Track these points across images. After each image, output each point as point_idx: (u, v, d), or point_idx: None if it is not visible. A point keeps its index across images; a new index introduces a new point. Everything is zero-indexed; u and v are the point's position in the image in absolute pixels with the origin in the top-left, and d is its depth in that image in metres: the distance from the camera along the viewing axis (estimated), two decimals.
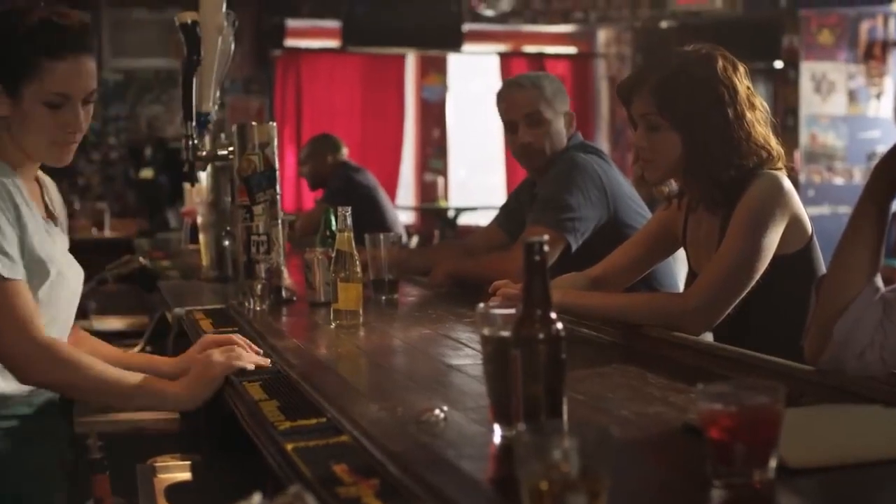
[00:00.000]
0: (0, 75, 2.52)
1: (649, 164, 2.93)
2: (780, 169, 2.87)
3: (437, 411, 1.89)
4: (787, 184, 2.84)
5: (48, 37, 2.52)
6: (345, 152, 7.90)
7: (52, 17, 2.53)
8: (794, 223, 2.83)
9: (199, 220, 4.54)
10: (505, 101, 4.13)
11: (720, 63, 2.86)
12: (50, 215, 2.71)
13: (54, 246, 2.62)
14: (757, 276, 2.76)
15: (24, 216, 2.51)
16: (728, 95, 2.83)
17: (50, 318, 2.57)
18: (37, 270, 2.53)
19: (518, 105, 4.06)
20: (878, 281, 2.15)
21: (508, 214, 4.34)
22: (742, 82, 2.87)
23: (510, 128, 4.09)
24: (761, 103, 2.90)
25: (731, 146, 2.82)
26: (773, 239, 2.77)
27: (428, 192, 11.99)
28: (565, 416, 1.69)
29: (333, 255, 3.11)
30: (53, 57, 2.51)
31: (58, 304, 2.61)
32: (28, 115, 2.53)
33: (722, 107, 2.82)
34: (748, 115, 2.84)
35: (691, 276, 3.11)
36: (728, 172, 2.82)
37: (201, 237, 4.52)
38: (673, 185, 3.07)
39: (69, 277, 2.65)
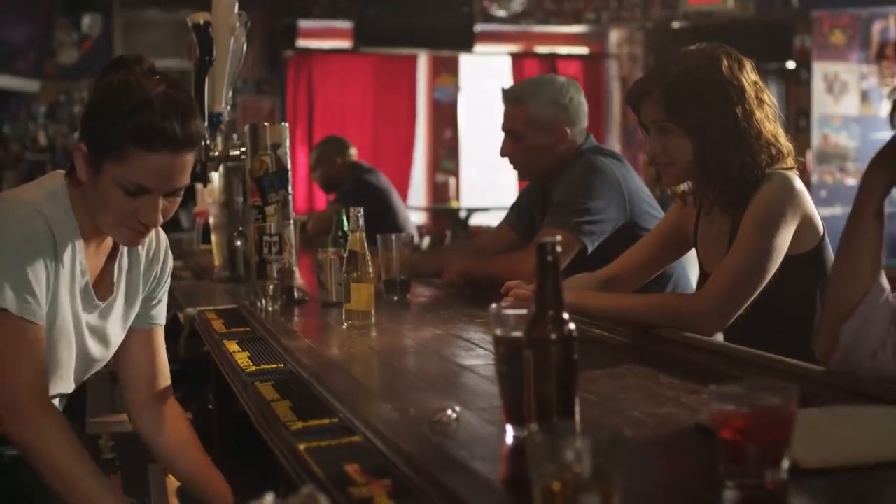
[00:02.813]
0: (91, 144, 2.39)
1: (666, 169, 2.94)
2: (791, 168, 2.88)
3: (449, 412, 1.89)
4: (799, 183, 2.84)
5: (149, 132, 2.35)
6: (353, 152, 7.91)
7: (166, 119, 2.35)
8: (806, 223, 2.83)
9: (212, 220, 4.55)
10: (503, 107, 4.16)
11: (725, 63, 2.86)
12: (102, 284, 2.59)
13: (69, 320, 2.48)
14: (769, 277, 2.76)
15: (60, 278, 2.42)
16: (735, 95, 2.83)
17: None
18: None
19: (505, 117, 4.11)
20: (884, 280, 2.14)
21: (519, 214, 4.34)
22: (749, 78, 2.87)
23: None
24: (769, 97, 2.91)
25: (742, 145, 2.82)
26: (785, 239, 2.77)
27: (440, 193, 11.98)
28: (577, 417, 1.69)
29: (346, 255, 3.11)
30: (145, 149, 2.35)
31: None
32: (103, 192, 2.39)
33: (731, 107, 2.83)
34: (757, 112, 2.84)
35: (702, 276, 3.11)
36: (741, 172, 2.83)
37: (213, 237, 4.53)
38: (686, 185, 3.07)
39: (62, 351, 2.50)
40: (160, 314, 2.77)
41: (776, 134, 2.87)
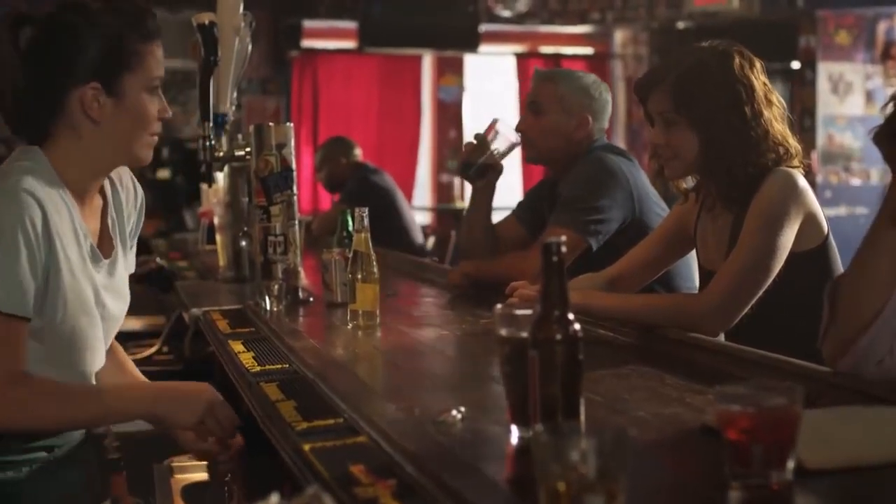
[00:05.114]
0: (104, 74, 2.39)
1: (669, 162, 2.94)
2: (796, 167, 2.87)
3: (454, 412, 1.90)
4: (802, 181, 2.84)
5: (149, 22, 2.45)
6: (358, 153, 7.92)
7: (141, 6, 2.46)
8: (810, 220, 2.83)
9: (216, 220, 4.55)
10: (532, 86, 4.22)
11: (737, 60, 2.86)
12: (103, 242, 2.55)
13: (85, 287, 2.44)
14: (773, 275, 2.76)
15: (60, 250, 2.35)
16: (745, 93, 2.83)
17: (44, 356, 2.40)
18: (45, 309, 2.36)
19: (531, 92, 4.15)
20: None
21: (525, 207, 4.33)
22: (759, 79, 2.87)
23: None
24: (778, 100, 2.91)
25: (748, 144, 2.82)
26: (788, 237, 2.77)
27: (444, 193, 11.99)
28: (583, 417, 1.69)
29: (350, 255, 3.11)
30: (148, 41, 2.43)
31: (55, 346, 2.42)
32: (133, 108, 2.43)
33: (739, 105, 2.83)
34: (765, 112, 2.84)
35: (702, 274, 3.11)
36: (745, 170, 2.83)
37: (218, 238, 4.53)
38: (690, 181, 3.07)
39: (84, 325, 2.46)
40: (133, 262, 2.74)
41: (784, 135, 2.87)
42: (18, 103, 2.43)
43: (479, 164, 3.93)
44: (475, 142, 3.98)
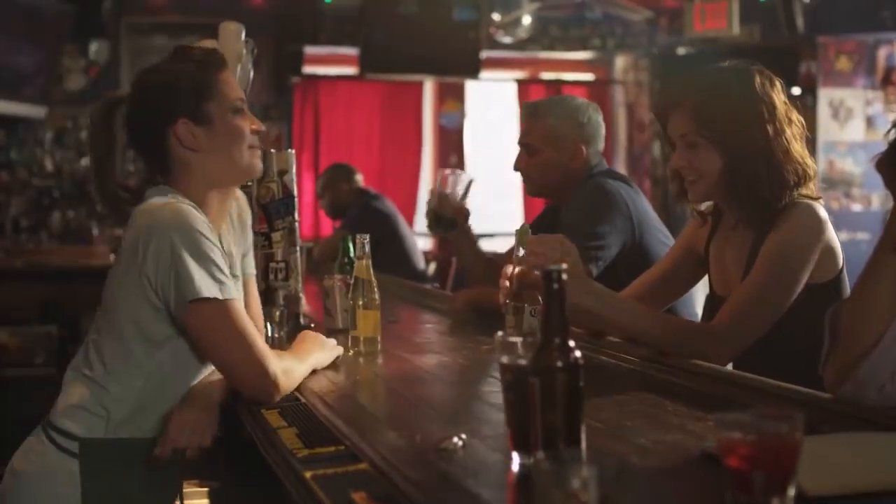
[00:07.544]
0: (187, 109, 2.68)
1: (692, 184, 2.91)
2: (817, 198, 2.86)
3: (455, 439, 1.90)
4: (823, 214, 2.82)
5: (212, 58, 2.77)
6: (359, 179, 7.92)
7: (203, 47, 2.85)
8: (827, 253, 2.82)
9: None
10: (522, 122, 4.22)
11: (758, 79, 2.86)
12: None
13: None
14: (785, 308, 2.75)
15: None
16: (767, 112, 2.82)
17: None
18: None
19: (522, 131, 4.15)
20: None
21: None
22: (779, 97, 2.86)
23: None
24: (797, 118, 2.89)
25: (771, 163, 2.81)
26: (805, 271, 2.76)
27: None
28: (584, 445, 1.68)
29: (352, 282, 3.11)
30: (216, 73, 2.74)
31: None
32: (224, 129, 2.72)
33: (762, 123, 2.81)
34: (787, 130, 2.83)
35: (713, 299, 3.08)
36: (770, 189, 2.81)
37: None
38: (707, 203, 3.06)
39: None
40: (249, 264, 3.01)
41: (803, 154, 2.86)
42: (110, 177, 2.81)
43: (446, 218, 4.05)
44: (434, 199, 4.07)
